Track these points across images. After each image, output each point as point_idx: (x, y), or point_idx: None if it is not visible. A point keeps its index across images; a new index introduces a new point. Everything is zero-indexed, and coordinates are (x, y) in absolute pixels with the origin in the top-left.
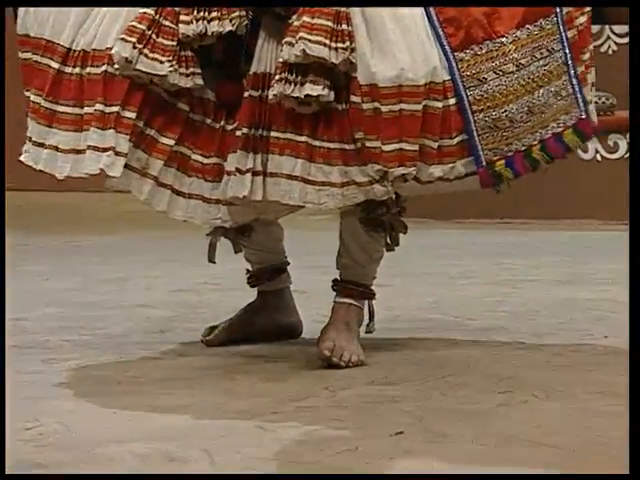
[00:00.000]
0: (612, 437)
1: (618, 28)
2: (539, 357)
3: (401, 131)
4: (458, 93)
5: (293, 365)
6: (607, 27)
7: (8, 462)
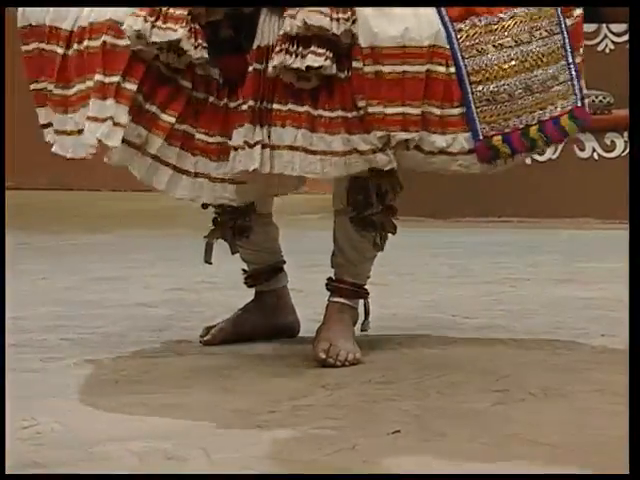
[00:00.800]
0: (611, 436)
1: (615, 27)
2: (536, 356)
3: (404, 94)
4: (457, 63)
5: (290, 364)
6: (604, 26)
7: (6, 461)
